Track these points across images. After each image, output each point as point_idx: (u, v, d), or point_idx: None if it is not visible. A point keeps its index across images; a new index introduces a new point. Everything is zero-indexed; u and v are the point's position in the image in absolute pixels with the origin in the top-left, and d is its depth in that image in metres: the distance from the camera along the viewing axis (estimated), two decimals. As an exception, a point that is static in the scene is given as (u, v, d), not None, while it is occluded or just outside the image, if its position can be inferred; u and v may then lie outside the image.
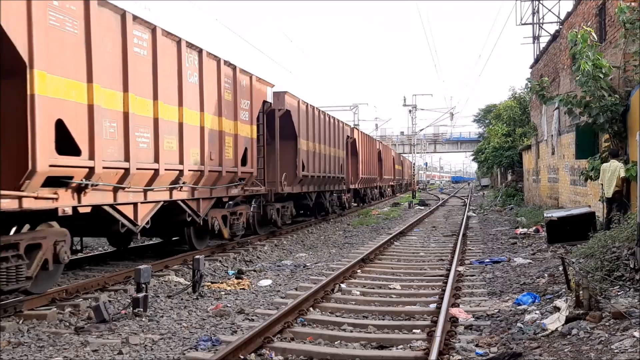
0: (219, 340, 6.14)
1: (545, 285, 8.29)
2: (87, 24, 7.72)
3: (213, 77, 11.44)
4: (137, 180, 8.96)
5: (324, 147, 19.69)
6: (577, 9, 16.05)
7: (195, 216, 11.05)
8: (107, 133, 8.15)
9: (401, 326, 6.69)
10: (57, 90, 7.18)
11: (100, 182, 8.09)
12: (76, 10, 7.54)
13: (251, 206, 14.27)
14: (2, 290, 6.79)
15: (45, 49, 6.93)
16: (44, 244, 7.46)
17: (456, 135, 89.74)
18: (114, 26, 8.38)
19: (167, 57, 9.72)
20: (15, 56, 6.60)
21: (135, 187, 8.98)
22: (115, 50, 8.40)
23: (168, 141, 9.76)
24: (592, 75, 10.96)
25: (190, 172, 10.49)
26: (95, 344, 6.10)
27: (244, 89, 12.98)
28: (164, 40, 9.61)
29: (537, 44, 27.63)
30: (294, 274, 10.65)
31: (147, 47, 9.20)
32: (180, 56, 10.11)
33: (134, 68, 8.73)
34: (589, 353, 5.12)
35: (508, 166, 36.54)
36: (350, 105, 55.80)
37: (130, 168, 8.62)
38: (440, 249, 13.47)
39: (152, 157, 9.28)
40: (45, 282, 7.88)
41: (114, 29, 8.38)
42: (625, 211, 10.09)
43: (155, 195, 9.60)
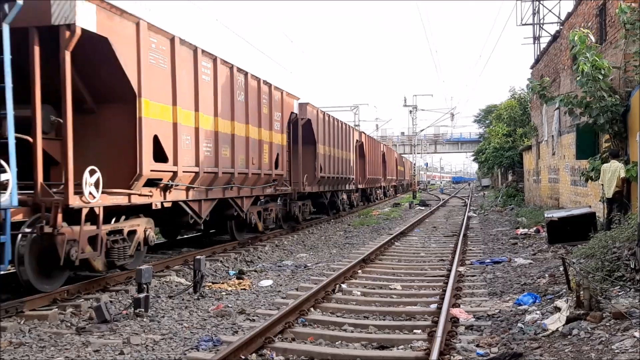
0: (220, 341, 6.15)
1: (546, 286, 8.29)
2: (172, 60, 9.81)
3: (255, 95, 13.54)
4: (202, 181, 11.06)
5: (337, 151, 21.65)
6: (577, 9, 16.06)
7: (240, 211, 13.16)
8: (184, 144, 10.26)
9: (402, 326, 6.70)
10: (155, 113, 9.30)
11: (180, 183, 10.23)
12: (165, 49, 9.66)
13: (278, 203, 16.41)
14: (115, 263, 8.93)
15: (148, 81, 9.03)
16: (138, 230, 9.49)
17: (457, 135, 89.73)
18: (188, 59, 10.44)
19: (223, 80, 11.76)
20: (129, 88, 8.71)
21: (201, 186, 11.06)
22: (189, 78, 10.45)
23: (224, 150, 11.85)
24: (592, 76, 10.97)
25: (238, 174, 12.62)
26: (96, 344, 6.11)
27: (277, 102, 15.08)
28: (221, 67, 11.63)
29: (538, 44, 27.65)
30: (294, 274, 10.66)
31: (210, 74, 11.26)
32: (232, 79, 12.17)
33: (202, 91, 10.82)
34: (590, 353, 5.12)
35: (508, 166, 36.55)
36: (350, 105, 55.80)
37: (199, 172, 10.76)
38: (440, 250, 13.48)
39: (213, 163, 11.44)
40: (136, 260, 9.69)
41: (188, 61, 10.45)
42: (625, 211, 10.09)
43: (213, 194, 11.76)
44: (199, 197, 11.11)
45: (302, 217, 18.30)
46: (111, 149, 9.01)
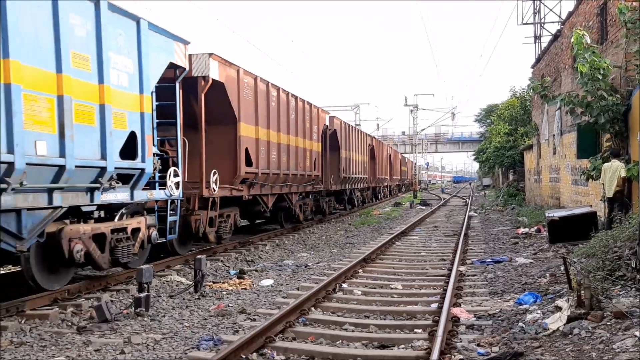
0: (221, 340, 6.15)
1: (547, 285, 8.29)
2: (255, 92, 13.60)
3: (301, 112, 17.26)
4: (270, 180, 14.70)
5: (355, 155, 25.17)
6: (578, 8, 16.04)
7: (290, 204, 16.95)
8: (261, 153, 13.95)
9: (403, 326, 6.70)
10: (246, 131, 13.08)
11: (259, 182, 13.91)
12: (251, 85, 13.41)
13: (311, 199, 19.42)
14: (222, 237, 12.70)
15: (243, 110, 12.86)
16: (232, 214, 13.21)
17: (457, 135, 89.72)
18: (263, 90, 14.19)
19: (283, 103, 15.58)
20: (232, 115, 12.52)
21: (269, 184, 14.68)
22: (263, 104, 14.10)
23: (283, 156, 15.54)
24: (591, 76, 10.97)
25: (292, 175, 16.27)
26: (97, 344, 6.11)
27: (314, 117, 18.87)
28: (282, 94, 15.53)
29: (539, 43, 27.63)
30: (295, 273, 10.66)
31: (275, 100, 15.03)
32: (287, 102, 16.02)
33: (270, 113, 14.59)
34: (591, 352, 5.12)
35: (509, 166, 36.53)
36: (351, 105, 55.81)
37: (269, 173, 14.48)
38: (441, 249, 13.47)
39: (277, 166, 15.02)
40: (231, 236, 13.48)
41: (263, 92, 14.19)
42: (626, 211, 10.09)
43: (275, 190, 15.35)
44: (268, 192, 14.85)
45: (328, 210, 21.97)
46: (218, 157, 12.23)
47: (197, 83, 11.26)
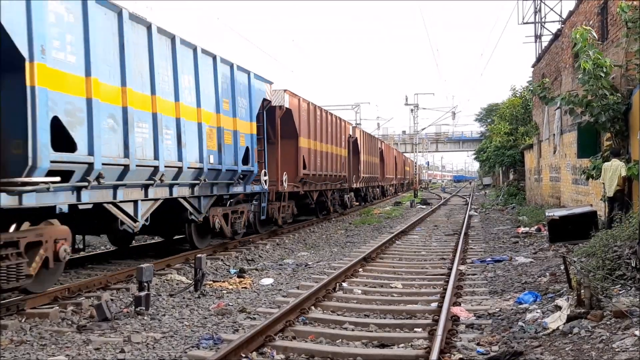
0: (221, 339, 6.16)
1: (547, 284, 8.28)
2: (308, 112, 18.09)
3: (333, 125, 21.34)
4: (315, 179, 18.88)
5: (371, 158, 30.52)
6: (579, 7, 16.03)
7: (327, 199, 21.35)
8: (312, 158, 18.32)
9: (402, 325, 6.70)
10: (304, 143, 17.48)
11: (309, 180, 18.18)
12: (305, 108, 17.71)
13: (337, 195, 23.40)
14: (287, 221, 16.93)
15: (302, 127, 17.33)
16: (290, 205, 17.20)
17: (458, 134, 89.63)
18: (313, 110, 18.65)
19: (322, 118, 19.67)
20: (295, 131, 16.71)
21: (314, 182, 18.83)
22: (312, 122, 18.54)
23: (324, 161, 19.82)
24: (593, 74, 10.95)
25: (329, 175, 20.57)
26: (97, 343, 6.12)
27: (342, 128, 23.15)
28: (323, 112, 19.98)
29: (539, 43, 27.59)
30: (295, 272, 10.66)
31: (319, 117, 19.30)
32: (325, 117, 20.28)
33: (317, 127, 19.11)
34: (590, 352, 5.12)
35: (510, 165, 36.52)
36: (352, 104, 55.84)
37: (316, 174, 18.77)
38: (441, 248, 13.47)
39: (320, 169, 19.29)
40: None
41: (313, 111, 18.69)
42: (626, 210, 10.08)
43: (318, 187, 19.65)
44: (314, 188, 19.04)
45: (349, 204, 25.85)
46: (285, 162, 16.08)
47: (274, 110, 15.56)
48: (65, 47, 7.42)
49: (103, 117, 8.05)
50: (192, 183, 10.78)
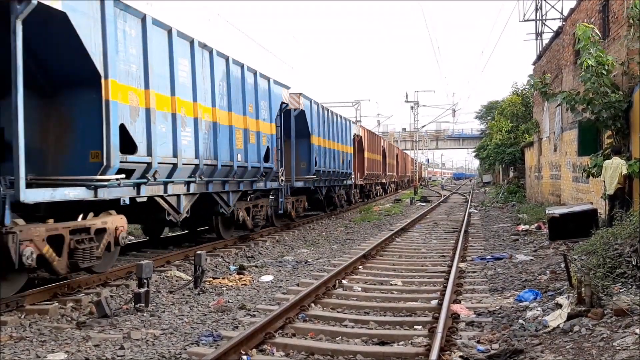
0: (221, 336, 6.15)
1: (547, 282, 8.27)
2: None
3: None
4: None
5: (373, 155, 32.08)
6: (580, 5, 15.99)
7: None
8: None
9: (402, 322, 6.69)
10: (369, 155, 29.62)
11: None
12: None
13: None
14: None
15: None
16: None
17: (458, 131, 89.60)
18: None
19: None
20: (361, 148, 27.78)
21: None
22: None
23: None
24: (595, 71, 10.92)
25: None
26: (96, 339, 6.11)
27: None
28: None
29: (540, 40, 27.52)
30: (295, 269, 10.65)
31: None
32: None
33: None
34: (591, 350, 5.11)
35: (510, 163, 36.46)
36: (352, 101, 55.75)
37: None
38: (441, 246, 13.46)
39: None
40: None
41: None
42: (627, 208, 10.07)
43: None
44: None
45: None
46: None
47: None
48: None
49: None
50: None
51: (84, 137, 8.13)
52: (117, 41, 8.25)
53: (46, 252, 7.28)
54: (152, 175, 9.16)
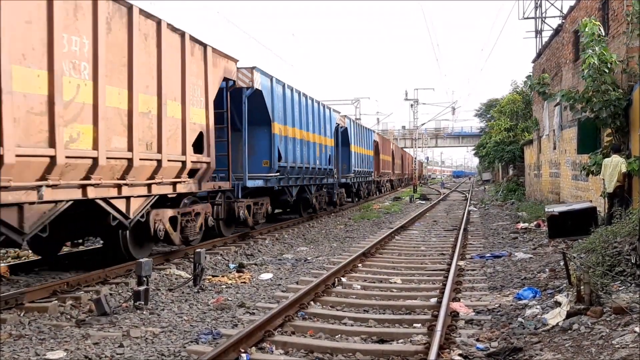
0: (220, 334, 6.15)
1: (546, 280, 8.28)
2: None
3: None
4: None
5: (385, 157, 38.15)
6: (580, 3, 15.98)
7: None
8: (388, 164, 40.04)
9: (402, 320, 6.70)
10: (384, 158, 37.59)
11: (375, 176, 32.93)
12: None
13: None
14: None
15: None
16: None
17: (458, 129, 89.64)
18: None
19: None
20: (377, 151, 33.95)
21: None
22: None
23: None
24: (598, 69, 10.91)
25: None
26: (96, 337, 6.11)
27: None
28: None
29: (540, 38, 27.52)
30: (295, 267, 10.65)
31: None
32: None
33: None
34: (590, 348, 5.11)
35: (509, 161, 36.49)
36: (352, 99, 55.80)
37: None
38: (441, 244, 13.47)
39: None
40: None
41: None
42: (626, 206, 10.07)
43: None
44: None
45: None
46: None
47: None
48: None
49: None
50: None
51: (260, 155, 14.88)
52: (276, 99, 15.03)
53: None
54: (288, 173, 16.01)
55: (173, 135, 9.98)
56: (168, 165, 9.73)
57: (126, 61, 8.64)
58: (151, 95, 9.30)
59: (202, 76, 11.05)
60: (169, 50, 9.81)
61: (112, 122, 8.31)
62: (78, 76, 7.60)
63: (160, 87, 9.49)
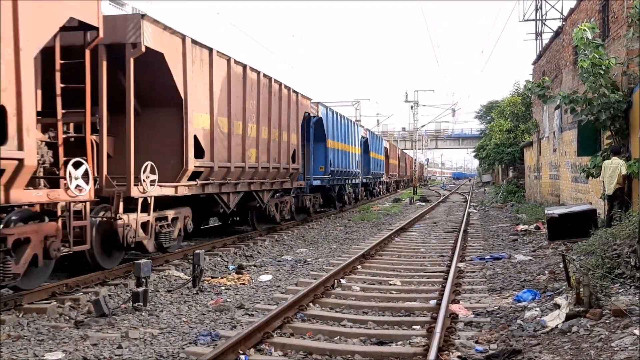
0: (219, 335, 6.14)
1: (546, 282, 8.27)
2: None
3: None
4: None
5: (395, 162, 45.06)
6: (580, 5, 15.98)
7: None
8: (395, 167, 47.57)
9: (401, 322, 6.69)
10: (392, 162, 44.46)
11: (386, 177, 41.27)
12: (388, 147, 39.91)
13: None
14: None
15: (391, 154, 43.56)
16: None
17: (458, 131, 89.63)
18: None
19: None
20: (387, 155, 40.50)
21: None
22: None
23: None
24: (592, 72, 10.92)
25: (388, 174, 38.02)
26: (94, 338, 6.10)
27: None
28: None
29: (540, 40, 27.52)
30: (294, 269, 10.64)
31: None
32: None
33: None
34: (589, 350, 5.11)
35: (509, 163, 36.45)
36: (352, 100, 55.76)
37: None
38: (440, 245, 13.46)
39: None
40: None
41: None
42: (626, 208, 10.06)
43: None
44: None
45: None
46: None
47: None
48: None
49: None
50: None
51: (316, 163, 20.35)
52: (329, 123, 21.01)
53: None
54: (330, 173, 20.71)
55: (285, 152, 15.88)
56: (283, 170, 15.76)
57: (267, 111, 14.58)
58: (276, 129, 15.24)
59: (295, 112, 16.92)
60: (285, 101, 15.90)
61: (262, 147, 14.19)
62: (250, 122, 13.51)
63: (280, 123, 15.44)
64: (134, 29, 8.94)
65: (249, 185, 13.81)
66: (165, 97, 10.17)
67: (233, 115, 12.49)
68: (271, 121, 14.74)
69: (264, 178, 14.55)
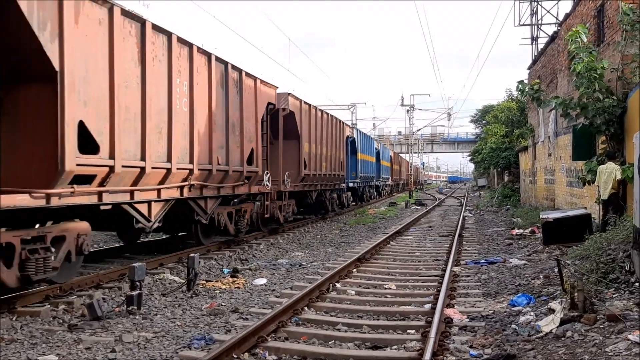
0: (213, 339, 6.12)
1: (540, 287, 8.28)
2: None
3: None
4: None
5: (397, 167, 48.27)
6: (575, 10, 16.05)
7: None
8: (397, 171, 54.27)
9: (395, 326, 6.68)
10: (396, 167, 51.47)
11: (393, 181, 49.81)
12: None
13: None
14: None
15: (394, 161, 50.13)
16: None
17: (453, 135, 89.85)
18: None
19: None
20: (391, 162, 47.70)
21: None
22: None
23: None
24: (587, 77, 10.96)
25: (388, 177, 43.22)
26: (88, 342, 6.07)
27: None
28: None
29: (536, 45, 27.67)
30: (289, 272, 10.63)
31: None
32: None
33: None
34: (583, 355, 5.11)
35: (505, 167, 36.56)
36: (348, 104, 55.77)
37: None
38: (436, 249, 13.46)
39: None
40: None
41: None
42: (621, 213, 10.09)
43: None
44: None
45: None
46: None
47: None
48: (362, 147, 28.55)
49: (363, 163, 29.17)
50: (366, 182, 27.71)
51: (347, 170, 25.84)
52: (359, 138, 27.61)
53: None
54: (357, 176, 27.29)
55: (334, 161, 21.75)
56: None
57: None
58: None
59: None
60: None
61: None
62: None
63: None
64: (285, 101, 16.09)
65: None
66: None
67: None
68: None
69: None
